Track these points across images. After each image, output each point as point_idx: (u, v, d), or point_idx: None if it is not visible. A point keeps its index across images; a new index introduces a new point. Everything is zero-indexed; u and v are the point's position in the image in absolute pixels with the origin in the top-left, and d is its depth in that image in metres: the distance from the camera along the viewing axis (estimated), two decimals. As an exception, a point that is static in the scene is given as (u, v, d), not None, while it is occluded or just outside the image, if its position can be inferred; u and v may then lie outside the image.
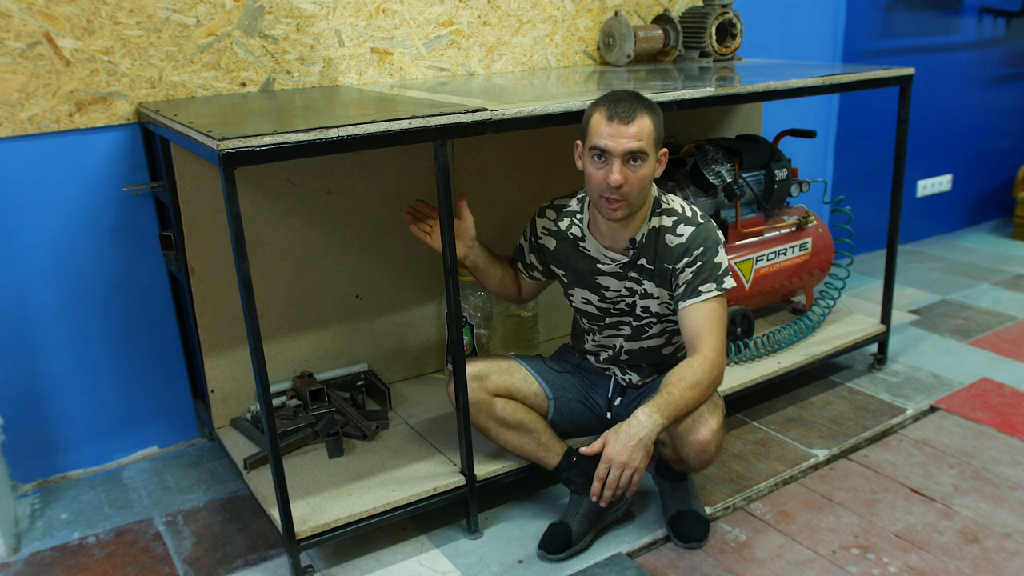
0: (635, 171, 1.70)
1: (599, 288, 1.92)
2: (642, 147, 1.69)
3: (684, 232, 1.80)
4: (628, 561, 1.88)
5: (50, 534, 2.06)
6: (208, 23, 2.16)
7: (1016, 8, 4.01)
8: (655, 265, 1.84)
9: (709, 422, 1.76)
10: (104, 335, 2.24)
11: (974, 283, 3.55)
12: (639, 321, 1.93)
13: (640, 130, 1.68)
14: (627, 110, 1.68)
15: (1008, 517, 1.99)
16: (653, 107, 1.73)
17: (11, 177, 2.04)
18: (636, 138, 1.68)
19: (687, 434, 1.77)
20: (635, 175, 1.71)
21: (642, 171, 1.71)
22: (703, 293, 1.78)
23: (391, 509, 1.87)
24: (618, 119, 1.68)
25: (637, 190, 1.73)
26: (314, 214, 2.27)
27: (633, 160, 1.70)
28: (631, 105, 1.69)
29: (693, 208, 1.86)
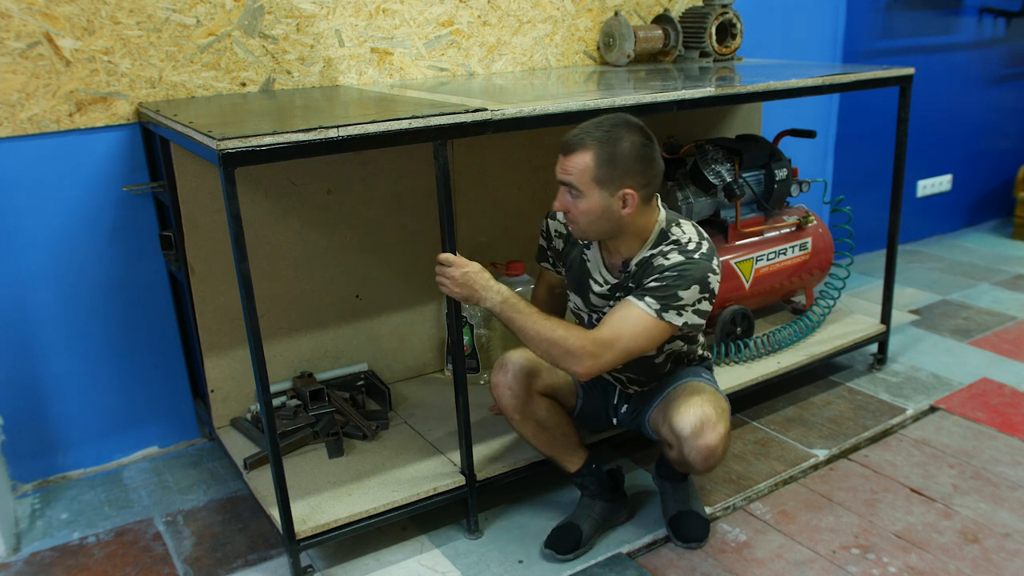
0: (575, 202, 1.67)
1: (589, 301, 1.88)
2: (571, 181, 1.65)
3: (672, 258, 1.70)
4: (628, 561, 1.88)
5: (50, 534, 2.06)
6: (208, 23, 2.16)
7: (1016, 8, 4.01)
8: (638, 284, 1.74)
9: (717, 427, 1.73)
10: (104, 335, 2.24)
11: (974, 283, 3.55)
12: None
13: (573, 165, 1.65)
14: (572, 142, 1.65)
15: (1008, 517, 1.99)
16: (612, 143, 1.63)
17: (11, 177, 2.04)
18: (566, 172, 1.66)
19: (694, 438, 1.72)
20: (576, 207, 1.68)
21: (582, 204, 1.67)
22: (641, 301, 1.67)
23: (391, 509, 1.87)
24: (562, 148, 1.67)
25: (584, 221, 1.69)
26: (314, 214, 2.27)
27: (570, 192, 1.67)
28: (580, 137, 1.64)
29: (702, 243, 1.73)
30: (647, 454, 2.28)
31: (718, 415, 1.75)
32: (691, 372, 1.93)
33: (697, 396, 1.79)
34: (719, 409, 1.77)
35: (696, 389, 1.83)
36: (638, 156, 1.65)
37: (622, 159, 1.64)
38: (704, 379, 1.91)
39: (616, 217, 1.69)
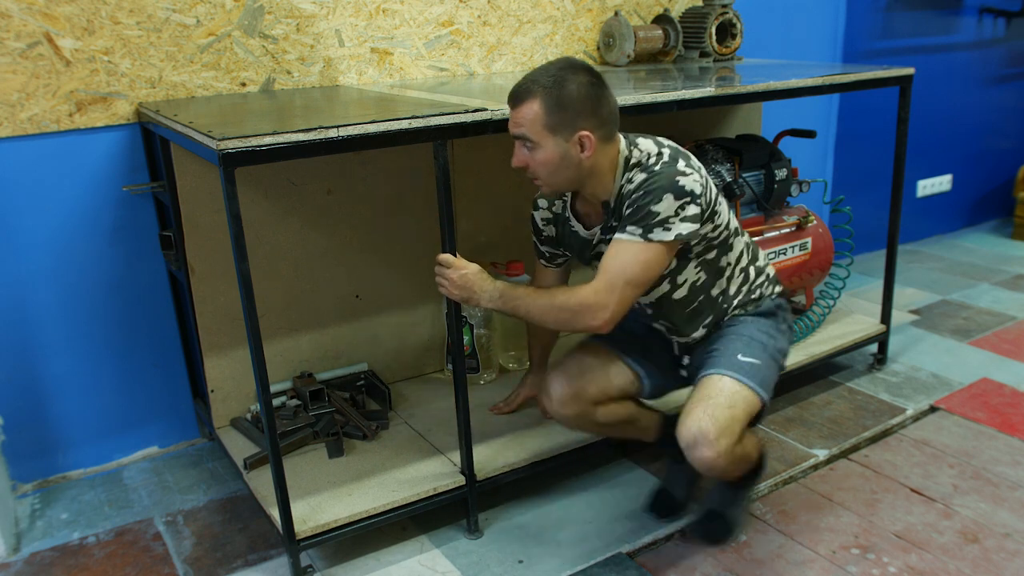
0: (532, 155, 1.65)
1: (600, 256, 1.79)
2: (523, 133, 1.62)
3: (636, 179, 1.66)
4: (628, 561, 1.88)
5: (50, 534, 2.06)
6: (208, 23, 2.16)
7: (1016, 8, 4.01)
8: (619, 220, 1.71)
9: (716, 444, 1.60)
10: (104, 335, 2.24)
11: (974, 283, 3.55)
12: None
13: (523, 116, 1.61)
14: (518, 92, 1.62)
15: (1008, 517, 1.99)
16: (557, 88, 1.59)
17: (11, 177, 2.04)
18: (517, 124, 1.63)
19: (689, 449, 1.63)
20: (534, 159, 1.65)
21: (539, 155, 1.64)
22: (625, 233, 1.64)
23: (391, 509, 1.87)
24: (510, 102, 1.64)
25: (545, 173, 1.66)
26: (314, 214, 2.27)
27: (525, 145, 1.64)
28: (526, 87, 1.61)
29: (662, 151, 1.68)
30: (647, 453, 2.28)
31: (719, 429, 1.61)
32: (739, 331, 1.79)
33: (708, 401, 1.66)
34: (727, 420, 1.63)
35: (714, 388, 1.68)
36: (587, 96, 1.61)
37: (571, 102, 1.60)
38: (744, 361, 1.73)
39: (576, 162, 1.65)
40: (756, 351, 1.76)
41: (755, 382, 1.70)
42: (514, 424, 2.19)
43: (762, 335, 1.80)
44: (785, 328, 1.87)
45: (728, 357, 1.74)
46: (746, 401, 1.67)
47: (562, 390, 1.84)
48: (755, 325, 1.82)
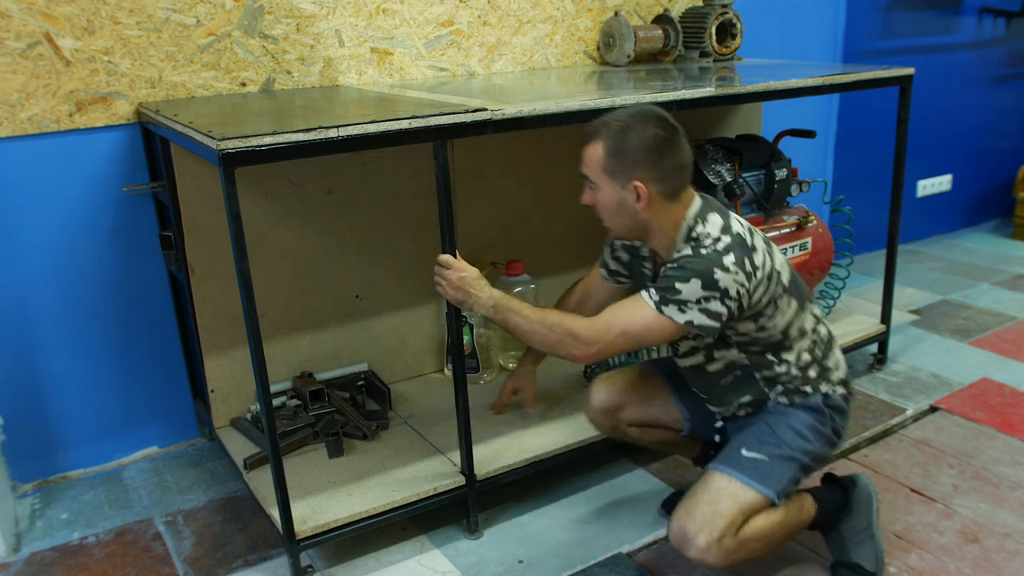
0: (594, 195, 1.64)
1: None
2: (585, 172, 1.63)
3: (683, 251, 1.60)
4: (628, 561, 1.88)
5: (50, 534, 2.06)
6: (208, 23, 2.16)
7: (1016, 8, 4.01)
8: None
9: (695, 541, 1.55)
10: (104, 335, 2.24)
11: (974, 283, 3.55)
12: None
13: (587, 156, 1.62)
14: (588, 132, 1.62)
15: (1008, 517, 1.99)
16: (623, 134, 1.57)
17: (11, 177, 2.04)
18: (582, 162, 1.63)
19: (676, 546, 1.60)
20: (595, 199, 1.64)
21: (599, 196, 1.63)
22: (645, 292, 1.58)
23: (391, 509, 1.87)
24: (582, 140, 1.64)
25: (605, 215, 1.65)
26: (314, 214, 2.27)
27: (589, 185, 1.64)
28: (596, 127, 1.61)
29: (721, 238, 1.58)
30: (647, 453, 2.28)
31: (697, 527, 1.56)
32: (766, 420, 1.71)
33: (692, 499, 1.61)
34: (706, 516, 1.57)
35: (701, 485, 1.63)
36: (648, 147, 1.57)
37: (630, 150, 1.57)
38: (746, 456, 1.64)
39: (633, 212, 1.61)
40: (768, 446, 1.66)
41: (753, 478, 1.61)
42: (514, 424, 2.19)
43: (788, 431, 1.68)
44: (827, 432, 1.71)
45: (733, 450, 1.68)
46: (733, 496, 1.59)
47: (601, 403, 1.88)
48: (788, 418, 1.70)
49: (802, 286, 1.72)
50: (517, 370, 2.19)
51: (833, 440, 1.74)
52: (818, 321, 1.75)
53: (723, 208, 1.66)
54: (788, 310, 1.66)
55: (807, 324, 1.71)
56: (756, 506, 1.60)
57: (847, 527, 1.78)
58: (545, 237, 2.66)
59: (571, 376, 2.45)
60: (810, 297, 1.75)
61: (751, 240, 1.61)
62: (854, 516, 1.78)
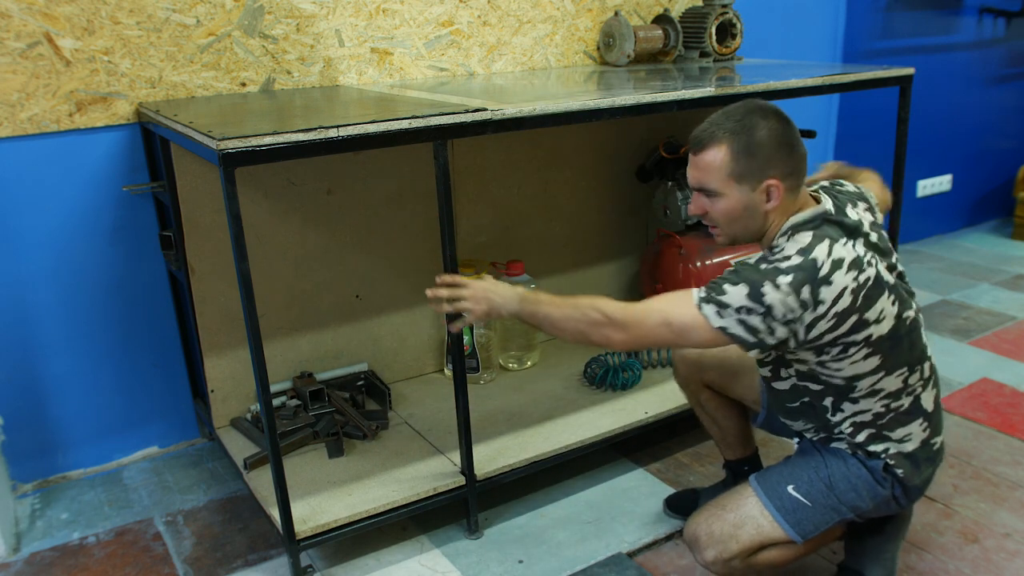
0: (712, 204, 1.51)
1: None
2: (705, 182, 1.49)
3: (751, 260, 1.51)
4: (628, 561, 1.88)
5: (50, 534, 2.06)
6: (208, 23, 2.16)
7: (1016, 8, 4.01)
8: None
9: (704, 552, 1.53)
10: (104, 335, 2.24)
11: (974, 283, 3.55)
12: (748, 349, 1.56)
13: (707, 163, 1.48)
14: (702, 137, 1.49)
15: (1008, 517, 1.99)
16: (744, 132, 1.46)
17: (11, 177, 2.04)
18: (701, 171, 1.49)
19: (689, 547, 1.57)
20: (713, 208, 1.51)
21: (719, 205, 1.49)
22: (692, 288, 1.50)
23: (391, 509, 1.87)
24: (692, 148, 1.50)
25: (725, 223, 1.51)
26: (314, 214, 2.27)
27: (706, 194, 1.51)
28: (711, 131, 1.49)
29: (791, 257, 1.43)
30: (647, 453, 2.28)
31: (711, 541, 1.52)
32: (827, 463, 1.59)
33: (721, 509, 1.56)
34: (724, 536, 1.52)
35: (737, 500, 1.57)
36: (779, 142, 1.47)
37: (761, 148, 1.46)
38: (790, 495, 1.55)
39: (761, 213, 1.50)
40: (817, 492, 1.56)
41: (787, 520, 1.54)
42: (514, 424, 2.19)
43: (843, 483, 1.57)
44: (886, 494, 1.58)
45: (781, 480, 1.58)
46: (758, 528, 1.53)
47: (692, 354, 1.89)
48: (848, 470, 1.58)
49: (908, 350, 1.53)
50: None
51: (891, 505, 1.60)
52: (909, 392, 1.55)
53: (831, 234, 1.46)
54: (862, 364, 1.49)
55: (888, 387, 1.53)
56: (776, 540, 1.54)
57: (873, 542, 1.70)
58: (545, 237, 2.66)
59: (571, 376, 2.45)
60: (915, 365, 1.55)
61: (832, 273, 1.41)
62: (883, 535, 1.71)
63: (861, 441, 1.56)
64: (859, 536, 1.72)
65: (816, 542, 1.59)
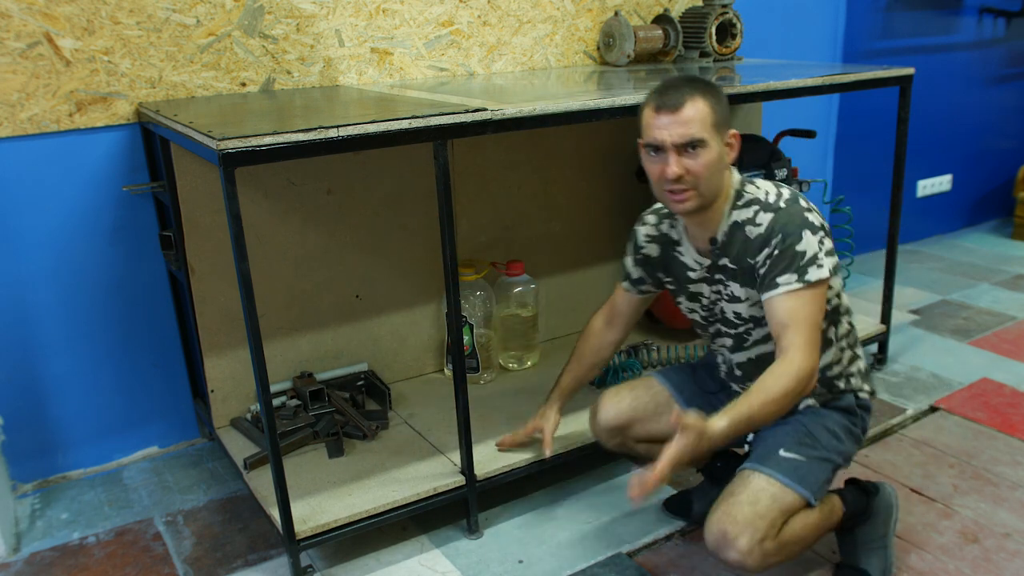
0: (695, 159, 1.54)
1: (696, 296, 1.76)
2: (695, 134, 1.52)
3: (763, 220, 1.59)
4: (628, 561, 1.88)
5: (50, 534, 2.06)
6: (208, 23, 2.16)
7: (1016, 8, 4.01)
8: (738, 263, 1.63)
9: (737, 542, 1.51)
10: (104, 335, 2.24)
11: (974, 283, 3.55)
12: (735, 328, 1.72)
13: (692, 115, 1.52)
14: (675, 97, 1.53)
15: (1008, 517, 1.99)
16: (709, 88, 1.56)
17: (11, 177, 2.04)
18: (688, 124, 1.52)
19: (715, 551, 1.56)
20: (696, 163, 1.54)
21: (704, 158, 1.54)
22: (780, 286, 1.55)
23: (391, 509, 1.87)
24: (666, 109, 1.53)
25: (704, 178, 1.55)
26: (314, 214, 2.27)
27: (690, 148, 1.53)
28: (679, 91, 1.54)
29: (781, 191, 1.62)
30: (647, 454, 2.28)
31: (739, 528, 1.51)
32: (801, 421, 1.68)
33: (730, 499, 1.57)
34: (748, 517, 1.53)
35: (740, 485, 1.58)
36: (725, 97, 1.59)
37: (723, 100, 1.57)
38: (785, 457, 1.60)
39: (725, 166, 1.59)
40: (805, 447, 1.64)
41: (792, 479, 1.58)
42: (514, 424, 2.19)
43: (824, 432, 1.67)
44: (858, 432, 1.73)
45: (769, 449, 1.63)
46: (773, 497, 1.56)
47: (609, 421, 1.84)
48: (823, 419, 1.69)
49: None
50: (543, 411, 2.03)
51: (860, 439, 1.75)
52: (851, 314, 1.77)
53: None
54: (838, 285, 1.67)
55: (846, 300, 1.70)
56: (795, 507, 1.58)
57: (862, 532, 1.76)
58: (545, 237, 2.66)
59: (571, 376, 2.45)
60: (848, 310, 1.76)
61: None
62: (871, 523, 1.76)
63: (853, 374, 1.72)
64: (850, 530, 1.76)
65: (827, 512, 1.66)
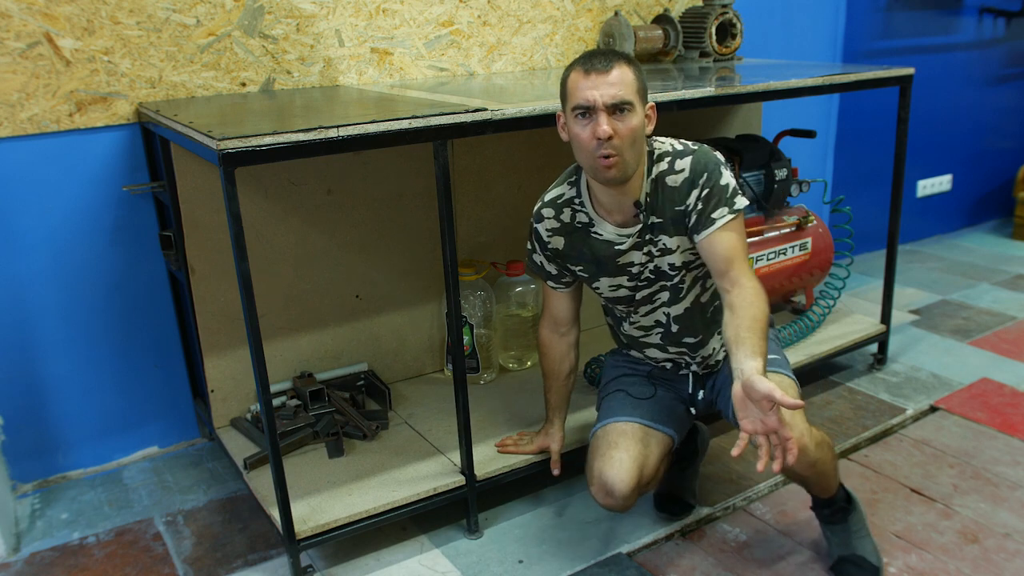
0: (623, 121, 1.58)
1: (625, 269, 1.77)
2: (624, 96, 1.57)
3: (683, 165, 1.68)
4: (628, 561, 1.88)
5: (50, 534, 2.06)
6: (208, 23, 2.16)
7: (1016, 8, 4.01)
8: (665, 215, 1.69)
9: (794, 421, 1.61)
10: (104, 335, 2.24)
11: (974, 283, 3.55)
12: (670, 281, 1.76)
13: (622, 78, 1.57)
14: (604, 62, 1.58)
15: (1008, 517, 1.99)
16: (631, 59, 1.62)
17: (11, 177, 2.04)
18: (618, 86, 1.57)
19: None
20: (624, 126, 1.58)
21: (631, 121, 1.58)
22: (717, 220, 1.64)
23: (391, 509, 1.87)
24: (595, 71, 1.57)
25: (629, 143, 1.59)
26: (314, 214, 2.27)
27: (619, 110, 1.57)
28: (607, 57, 1.59)
29: (683, 141, 1.74)
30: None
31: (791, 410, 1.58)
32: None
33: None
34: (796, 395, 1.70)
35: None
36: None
37: (643, 74, 1.64)
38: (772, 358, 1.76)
39: (644, 137, 1.66)
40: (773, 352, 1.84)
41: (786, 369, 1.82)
42: (514, 424, 2.19)
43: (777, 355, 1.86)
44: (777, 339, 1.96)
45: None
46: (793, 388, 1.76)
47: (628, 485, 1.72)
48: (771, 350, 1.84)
49: None
50: (547, 430, 2.02)
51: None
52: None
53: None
54: None
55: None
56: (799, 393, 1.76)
57: (854, 519, 1.82)
58: (545, 237, 2.66)
59: (571, 376, 2.45)
60: None
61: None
62: (856, 511, 1.84)
63: None
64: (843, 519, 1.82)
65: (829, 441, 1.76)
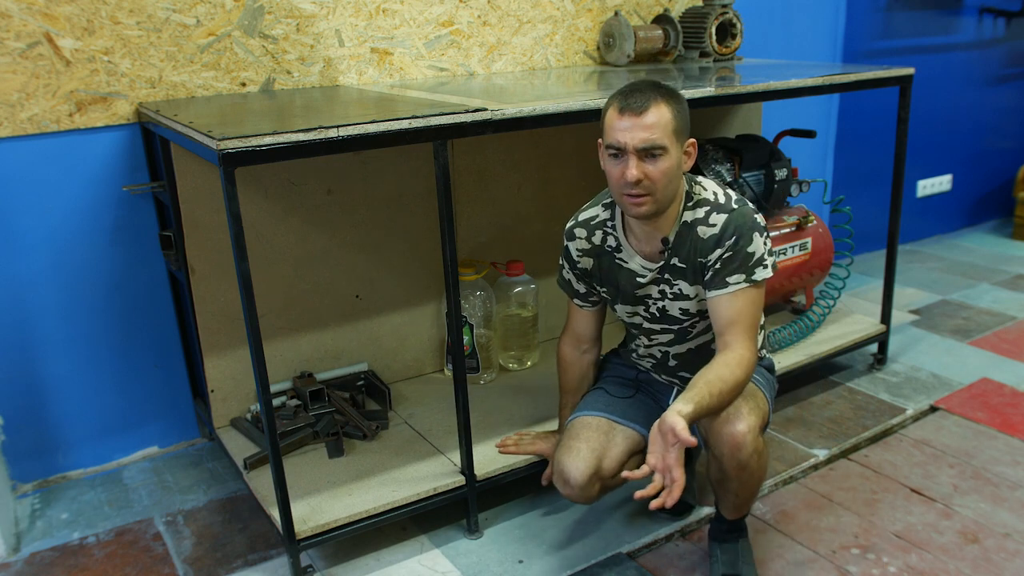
0: (655, 165, 1.57)
1: (643, 300, 1.79)
2: (656, 140, 1.55)
3: (717, 221, 1.65)
4: (628, 561, 1.88)
5: (50, 534, 2.06)
6: (208, 23, 2.16)
7: (1016, 8, 4.01)
8: (688, 262, 1.69)
9: (747, 418, 1.63)
10: (104, 335, 2.24)
11: (974, 283, 3.55)
12: (680, 324, 1.79)
13: (655, 121, 1.55)
14: (640, 101, 1.55)
15: (1008, 517, 1.99)
16: (673, 95, 1.59)
17: (11, 177, 2.04)
18: (649, 130, 1.55)
19: (721, 424, 1.63)
20: (655, 169, 1.57)
21: (662, 165, 1.57)
22: (730, 285, 1.63)
23: (391, 509, 1.87)
24: (630, 111, 1.55)
25: (661, 185, 1.59)
26: (314, 214, 2.27)
27: (651, 155, 1.56)
28: (644, 95, 1.56)
29: (728, 193, 1.70)
30: (647, 454, 2.28)
31: (749, 409, 1.65)
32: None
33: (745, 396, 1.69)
34: (753, 406, 1.67)
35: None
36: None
37: (685, 108, 1.61)
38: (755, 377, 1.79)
39: (681, 174, 1.65)
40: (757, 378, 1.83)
41: (766, 389, 1.81)
42: (514, 424, 2.19)
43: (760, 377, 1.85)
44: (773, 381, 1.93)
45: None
46: (755, 398, 1.72)
47: (583, 473, 1.74)
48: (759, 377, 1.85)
49: None
50: (548, 437, 2.01)
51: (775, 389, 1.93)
52: None
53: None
54: None
55: None
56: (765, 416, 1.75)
57: (744, 545, 1.84)
58: (545, 237, 2.66)
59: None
60: None
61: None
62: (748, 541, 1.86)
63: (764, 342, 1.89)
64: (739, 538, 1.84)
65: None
